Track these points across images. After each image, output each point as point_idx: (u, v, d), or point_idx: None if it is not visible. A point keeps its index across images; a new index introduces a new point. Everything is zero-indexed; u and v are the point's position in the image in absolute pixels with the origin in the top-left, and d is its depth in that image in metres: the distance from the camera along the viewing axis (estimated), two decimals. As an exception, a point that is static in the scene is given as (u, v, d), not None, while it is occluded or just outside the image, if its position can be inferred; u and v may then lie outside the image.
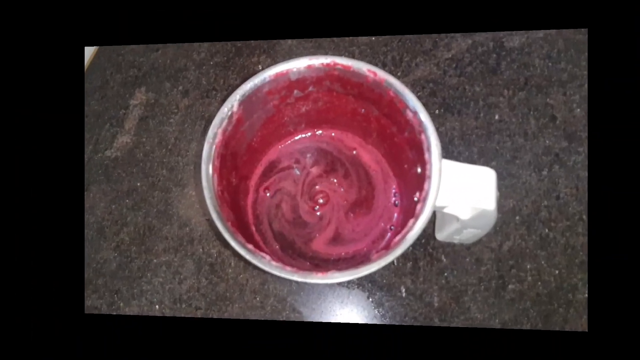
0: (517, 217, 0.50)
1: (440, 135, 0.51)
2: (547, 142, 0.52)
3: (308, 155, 0.48)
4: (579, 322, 0.46)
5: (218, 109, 0.39)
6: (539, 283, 0.48)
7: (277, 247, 0.46)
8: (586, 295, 0.47)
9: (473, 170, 0.37)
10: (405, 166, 0.42)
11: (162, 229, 0.52)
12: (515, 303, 0.47)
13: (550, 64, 0.55)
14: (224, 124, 0.39)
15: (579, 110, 0.53)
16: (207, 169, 0.37)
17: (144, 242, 0.52)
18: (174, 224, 0.52)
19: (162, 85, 0.58)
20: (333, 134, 0.49)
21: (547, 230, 0.49)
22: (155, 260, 0.51)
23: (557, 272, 0.48)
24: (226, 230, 0.36)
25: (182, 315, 0.49)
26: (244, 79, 0.40)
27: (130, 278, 0.51)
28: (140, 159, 0.55)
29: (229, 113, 0.39)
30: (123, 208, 0.53)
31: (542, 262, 0.48)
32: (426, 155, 0.37)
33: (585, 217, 0.50)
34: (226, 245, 0.50)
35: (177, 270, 0.51)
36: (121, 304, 0.50)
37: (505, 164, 0.51)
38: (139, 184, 0.54)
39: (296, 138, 0.49)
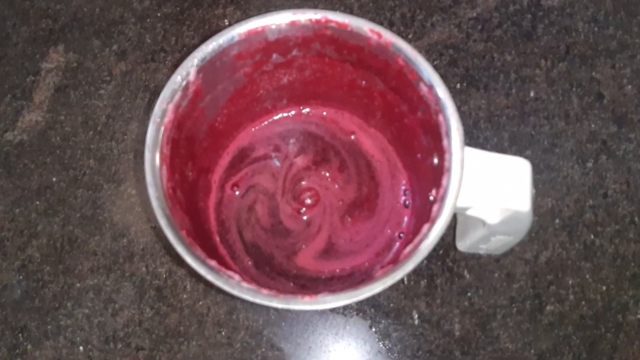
0: (557, 221, 0.51)
1: (463, 116, 0.52)
2: (593, 126, 0.53)
3: (291, 141, 0.49)
4: (631, 350, 0.48)
5: (168, 77, 0.39)
6: (583, 302, 0.49)
7: (250, 263, 0.46)
8: (639, 316, 0.48)
9: (503, 161, 0.38)
10: (419, 156, 0.43)
11: (88, 241, 0.52)
12: (554, 328, 0.49)
13: (596, 29, 0.56)
14: (177, 97, 0.39)
15: (630, 87, 0.55)
16: (153, 159, 0.37)
17: (63, 260, 0.51)
18: (105, 233, 0.52)
19: (89, 43, 0.58)
20: (324, 113, 0.50)
21: (592, 237, 0.51)
22: (78, 285, 0.51)
23: (604, 288, 0.50)
24: (179, 242, 0.36)
25: (118, 360, 0.49)
26: (204, 38, 0.39)
27: (42, 310, 0.50)
28: (57, 144, 0.55)
29: (184, 83, 0.39)
30: (32, 213, 0.53)
31: (587, 277, 0.50)
32: (445, 142, 0.37)
33: (638, 219, 0.51)
34: (179, 262, 0.50)
35: (111, 298, 0.51)
36: (29, 347, 0.50)
37: (543, 154, 0.53)
38: (54, 180, 0.54)
39: (275, 118, 0.49)
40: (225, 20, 0.58)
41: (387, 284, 0.35)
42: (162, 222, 0.36)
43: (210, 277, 0.35)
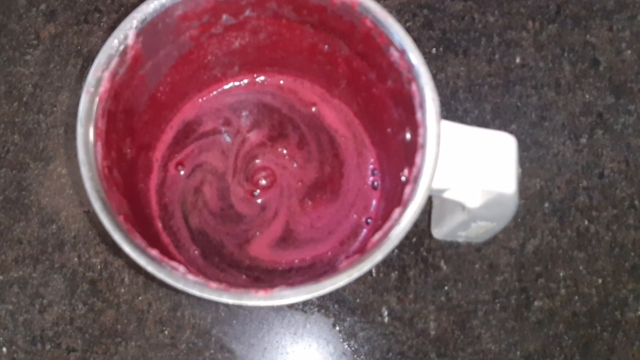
0: (546, 205, 0.52)
1: (439, 85, 0.53)
2: (587, 96, 0.54)
3: (244, 114, 0.49)
4: (630, 352, 0.49)
5: (103, 41, 0.39)
6: (576, 297, 0.50)
7: (197, 252, 0.46)
8: (641, 313, 0.50)
9: (485, 136, 0.38)
10: (389, 130, 0.43)
11: (12, 228, 0.52)
12: (543, 327, 0.50)
13: (591, -15, 0.57)
14: (113, 64, 0.38)
15: (629, 52, 0.55)
16: (86, 134, 0.37)
17: (-18, 250, 0.52)
18: (32, 219, 0.52)
19: (12, 2, 0.57)
20: (282, 82, 0.50)
21: (586, 222, 0.52)
22: (0, 277, 0.51)
23: (600, 281, 0.50)
24: (116, 228, 0.36)
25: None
26: (144, -4, 0.39)
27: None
28: (-26, 117, 0.54)
29: (121, 48, 0.39)
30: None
31: (580, 268, 0.51)
32: (418, 115, 0.37)
33: (638, 202, 0.52)
34: (116, 251, 0.50)
35: (38, 292, 0.50)
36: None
37: (530, 128, 0.53)
38: (-30, 158, 0.53)
39: (225, 87, 0.50)
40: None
41: (352, 276, 0.35)
42: (97, 206, 0.36)
43: (151, 268, 0.35)
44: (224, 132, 0.49)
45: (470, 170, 0.38)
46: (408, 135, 0.39)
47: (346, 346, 0.49)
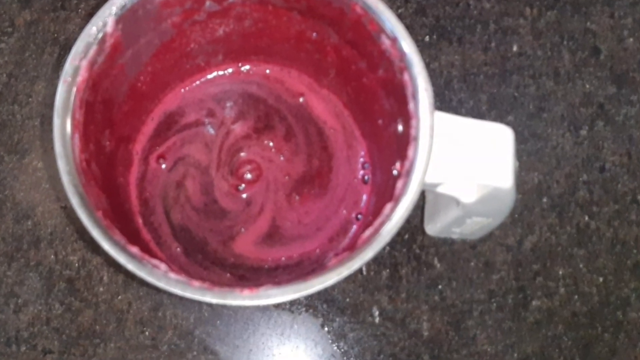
0: (545, 200, 0.52)
1: (432, 74, 0.53)
2: (588, 86, 0.54)
3: (228, 105, 0.49)
4: (633, 353, 0.49)
5: (81, 28, 0.38)
6: (576, 297, 0.50)
7: (179, 249, 0.46)
8: (644, 314, 0.50)
9: (481, 128, 0.39)
10: (380, 122, 0.43)
11: (-14, 224, 0.52)
12: (541, 328, 0.50)
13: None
14: (92, 52, 0.38)
15: (632, 40, 0.55)
16: (64, 126, 0.37)
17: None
18: (6, 215, 0.52)
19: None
20: (268, 72, 0.50)
21: (587, 218, 0.52)
22: (-26, 275, 0.51)
23: (601, 279, 0.51)
24: (94, 225, 0.36)
25: (23, 363, 0.49)
26: (124, -19, 0.39)
27: None
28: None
29: (100, 35, 0.38)
30: None
31: (580, 266, 0.51)
32: (411, 106, 0.38)
33: (642, 197, 0.52)
34: (95, 248, 0.50)
35: (13, 291, 0.50)
36: None
37: (528, 120, 0.53)
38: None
39: (209, 77, 0.49)
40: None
41: (342, 274, 0.35)
42: (74, 201, 0.36)
43: (131, 266, 0.35)
44: (208, 123, 0.49)
45: (465, 163, 0.38)
46: (400, 127, 0.39)
47: (335, 348, 0.49)
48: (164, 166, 0.48)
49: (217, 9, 0.43)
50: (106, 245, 0.35)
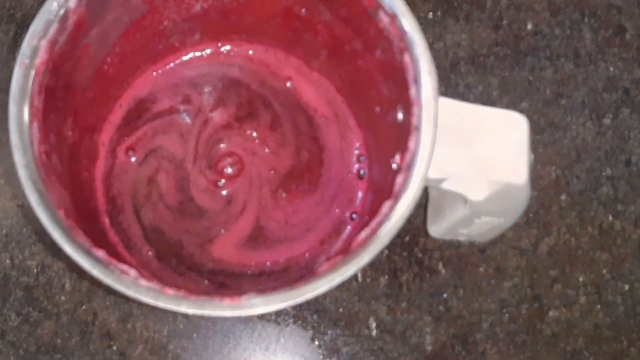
0: (563, 197, 0.52)
1: (437, 55, 0.53)
2: (612, 69, 0.54)
3: (206, 90, 0.49)
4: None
5: (40, 3, 0.38)
6: (599, 307, 0.50)
7: (151, 253, 0.46)
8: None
9: (491, 116, 0.39)
10: (377, 109, 0.43)
11: None
12: (559, 342, 0.50)
13: None
14: (52, 31, 0.38)
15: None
16: (20, 114, 0.37)
17: None
18: (-45, 214, 0.52)
19: None
20: (251, 53, 0.50)
21: (610, 218, 0.52)
22: None
23: (626, 287, 0.51)
24: (55, 225, 0.35)
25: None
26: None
27: None
28: None
29: (61, 12, 0.38)
30: None
31: (604, 272, 0.51)
32: (412, 91, 0.38)
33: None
34: (56, 252, 0.50)
35: (-37, 300, 0.51)
36: None
37: (544, 107, 0.53)
38: None
39: (185, 59, 0.50)
40: None
41: (334, 281, 0.35)
42: (33, 199, 0.36)
43: (96, 272, 0.35)
44: (183, 111, 0.49)
45: (473, 156, 0.38)
46: (400, 115, 0.39)
47: (327, 364, 0.50)
48: (133, 159, 0.48)
49: (194, -19, 0.43)
50: (68, 249, 0.35)
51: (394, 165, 0.38)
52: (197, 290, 0.36)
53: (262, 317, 0.50)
